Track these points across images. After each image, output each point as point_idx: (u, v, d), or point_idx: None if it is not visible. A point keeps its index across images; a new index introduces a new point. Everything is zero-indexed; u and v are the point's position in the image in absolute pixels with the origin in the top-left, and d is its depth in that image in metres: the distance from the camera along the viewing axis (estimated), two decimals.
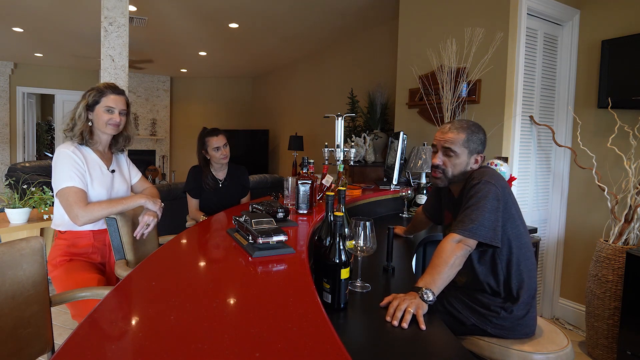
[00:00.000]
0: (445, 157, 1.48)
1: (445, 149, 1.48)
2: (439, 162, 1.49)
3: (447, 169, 1.49)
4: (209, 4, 4.38)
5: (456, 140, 1.46)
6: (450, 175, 1.49)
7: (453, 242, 1.32)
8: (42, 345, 1.30)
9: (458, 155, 1.46)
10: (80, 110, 1.72)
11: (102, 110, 1.73)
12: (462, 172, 1.49)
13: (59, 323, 2.70)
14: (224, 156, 2.58)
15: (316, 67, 6.54)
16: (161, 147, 9.16)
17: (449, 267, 1.29)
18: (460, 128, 1.48)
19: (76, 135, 1.71)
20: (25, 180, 3.00)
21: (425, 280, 1.25)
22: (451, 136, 1.47)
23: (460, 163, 1.47)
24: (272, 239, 1.20)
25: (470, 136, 1.47)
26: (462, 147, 1.46)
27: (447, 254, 1.30)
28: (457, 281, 1.55)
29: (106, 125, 1.75)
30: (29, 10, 4.64)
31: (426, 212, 1.86)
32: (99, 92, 1.74)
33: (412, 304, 1.12)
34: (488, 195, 1.35)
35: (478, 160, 1.49)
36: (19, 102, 7.91)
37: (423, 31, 3.27)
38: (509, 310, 1.41)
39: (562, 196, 3.03)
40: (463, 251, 1.31)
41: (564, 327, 2.94)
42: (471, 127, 1.48)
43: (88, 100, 1.73)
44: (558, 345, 1.40)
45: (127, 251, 1.71)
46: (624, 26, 2.64)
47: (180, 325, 0.74)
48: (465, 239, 1.32)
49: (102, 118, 1.74)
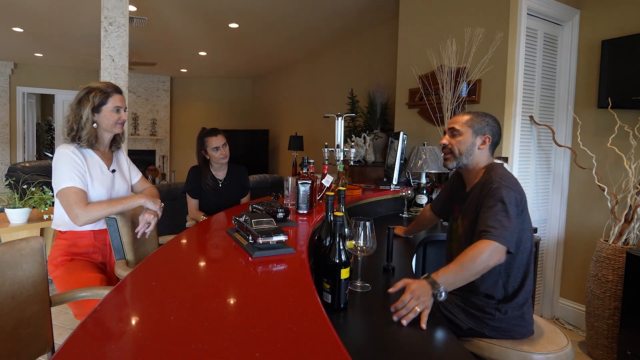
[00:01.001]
0: (450, 138, 1.56)
1: (450, 130, 1.57)
2: (445, 142, 1.57)
3: (453, 147, 1.54)
4: (209, 4, 4.38)
5: (459, 121, 1.56)
6: (457, 153, 1.53)
7: (494, 251, 1.27)
8: (42, 345, 1.30)
9: (461, 133, 1.53)
10: (86, 114, 1.67)
11: (111, 110, 1.71)
12: (468, 151, 1.52)
13: (59, 323, 2.70)
14: (224, 156, 2.58)
15: (316, 67, 6.54)
16: (161, 147, 9.16)
17: (474, 274, 1.27)
18: (466, 112, 1.58)
19: (83, 141, 1.68)
20: (25, 180, 3.00)
21: (446, 278, 1.22)
22: (456, 118, 1.58)
23: (465, 141, 1.52)
24: (272, 239, 1.20)
25: (475, 117, 1.54)
26: (464, 125, 1.54)
27: (482, 261, 1.25)
28: None
29: (115, 125, 1.74)
30: (29, 10, 4.64)
31: (434, 208, 1.87)
32: (103, 93, 1.70)
33: (421, 305, 1.11)
34: (512, 201, 1.35)
35: (486, 141, 1.52)
36: (19, 102, 7.91)
37: (423, 31, 3.27)
38: (503, 311, 1.41)
39: (562, 196, 3.03)
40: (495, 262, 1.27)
41: (564, 327, 2.94)
42: (478, 112, 1.57)
43: (94, 103, 1.68)
44: (558, 345, 1.40)
45: (127, 251, 1.71)
46: (624, 26, 2.64)
47: (180, 325, 0.74)
48: (503, 247, 1.28)
49: (111, 118, 1.72)
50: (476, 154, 1.53)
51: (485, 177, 1.47)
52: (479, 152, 1.53)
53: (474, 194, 1.49)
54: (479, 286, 1.45)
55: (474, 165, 1.54)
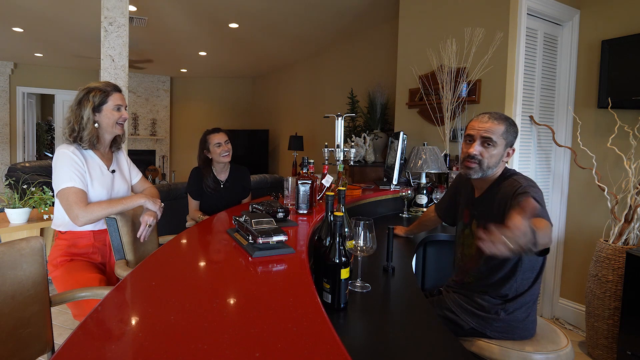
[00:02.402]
0: (482, 148, 1.44)
1: (485, 139, 1.43)
2: (476, 152, 1.44)
3: (483, 159, 1.44)
4: (209, 4, 4.38)
5: (496, 131, 1.43)
6: (486, 166, 1.44)
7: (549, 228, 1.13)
8: (42, 345, 1.30)
9: (497, 145, 1.42)
10: (87, 114, 1.67)
11: (112, 108, 1.71)
12: (496, 163, 1.44)
13: (59, 323, 2.70)
14: (226, 152, 2.57)
15: (316, 67, 6.54)
16: (161, 147, 9.16)
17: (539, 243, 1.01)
18: (499, 119, 1.45)
19: (85, 142, 1.68)
20: (25, 180, 3.00)
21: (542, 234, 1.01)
22: (491, 126, 1.43)
23: (497, 154, 1.43)
24: (272, 239, 1.20)
25: (509, 127, 1.44)
26: (501, 137, 1.43)
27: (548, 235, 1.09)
28: (464, 281, 1.54)
29: (115, 125, 1.74)
30: (29, 10, 4.64)
31: (439, 211, 1.84)
32: (103, 92, 1.70)
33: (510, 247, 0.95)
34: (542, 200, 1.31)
35: (510, 153, 1.46)
36: (19, 102, 7.91)
37: (423, 31, 3.27)
38: (508, 311, 1.40)
39: (562, 196, 3.03)
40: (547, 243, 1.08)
41: (564, 327, 2.94)
42: (509, 120, 1.46)
43: (94, 102, 1.68)
44: (558, 345, 1.40)
45: (127, 251, 1.71)
46: (624, 26, 2.64)
47: (180, 325, 0.74)
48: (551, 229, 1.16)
49: (112, 117, 1.71)
50: (500, 165, 1.46)
51: (507, 182, 1.42)
52: (502, 163, 1.47)
53: (489, 199, 1.45)
54: (491, 285, 1.44)
55: (492, 174, 1.49)
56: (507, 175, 1.47)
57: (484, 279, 1.47)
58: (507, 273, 1.41)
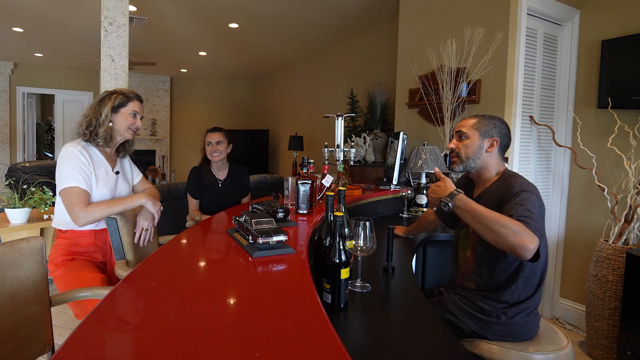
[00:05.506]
0: (458, 141, 1.56)
1: (458, 133, 1.57)
2: (453, 146, 1.57)
3: (460, 151, 1.54)
4: (209, 4, 4.38)
5: (466, 124, 1.55)
6: (464, 157, 1.53)
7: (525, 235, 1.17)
8: (42, 345, 1.30)
9: (468, 136, 1.53)
10: (106, 111, 1.72)
11: (128, 113, 1.77)
12: (475, 154, 1.51)
13: (59, 323, 2.70)
14: (216, 152, 2.60)
15: (316, 67, 6.54)
16: (161, 147, 9.16)
17: (487, 229, 1.24)
18: (473, 116, 1.58)
19: (100, 137, 1.72)
20: (25, 180, 3.00)
21: (466, 204, 1.33)
22: (463, 122, 1.58)
23: (472, 144, 1.52)
24: (272, 239, 1.20)
25: (482, 120, 1.53)
26: (471, 128, 1.53)
27: (506, 230, 1.19)
28: (466, 287, 1.53)
29: (127, 129, 1.79)
30: (29, 10, 4.64)
31: (438, 212, 1.85)
32: (125, 96, 1.77)
33: (430, 196, 1.44)
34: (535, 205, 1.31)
35: (494, 144, 1.51)
36: (19, 102, 7.91)
37: (423, 31, 3.27)
38: (510, 315, 1.40)
39: (562, 196, 3.03)
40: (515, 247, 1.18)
41: (564, 327, 2.94)
42: (485, 115, 1.56)
43: (114, 103, 1.74)
44: (558, 345, 1.40)
45: (127, 251, 1.71)
46: (624, 26, 2.64)
47: (180, 325, 0.74)
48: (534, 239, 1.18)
49: (126, 121, 1.77)
50: (484, 157, 1.51)
51: (503, 184, 1.43)
52: (487, 155, 1.51)
53: (484, 200, 1.46)
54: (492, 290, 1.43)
55: (483, 169, 1.52)
56: (506, 176, 1.47)
57: (485, 284, 1.46)
58: (508, 279, 1.41)
